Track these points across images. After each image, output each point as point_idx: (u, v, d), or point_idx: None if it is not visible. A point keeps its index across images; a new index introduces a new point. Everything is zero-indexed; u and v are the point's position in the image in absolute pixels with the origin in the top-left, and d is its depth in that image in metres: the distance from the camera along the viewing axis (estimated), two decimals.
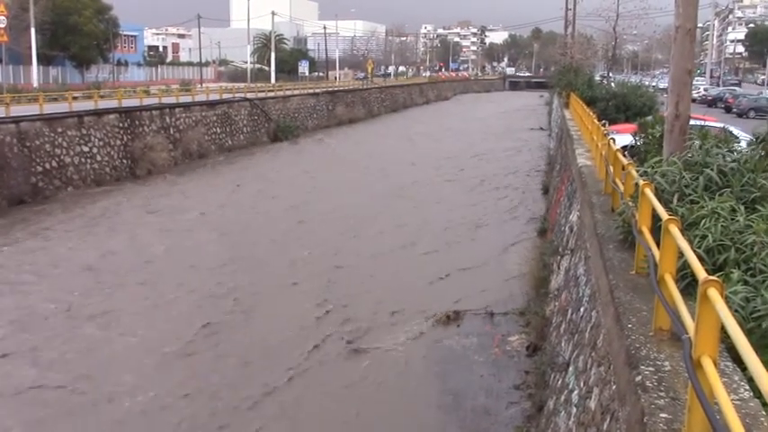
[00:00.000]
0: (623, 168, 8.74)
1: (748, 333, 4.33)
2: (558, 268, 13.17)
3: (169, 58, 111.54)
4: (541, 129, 57.11)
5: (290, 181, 31.55)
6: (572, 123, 25.40)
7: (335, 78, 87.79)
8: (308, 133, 53.28)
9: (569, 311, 9.57)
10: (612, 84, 36.31)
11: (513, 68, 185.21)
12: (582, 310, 8.39)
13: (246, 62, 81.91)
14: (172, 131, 36.97)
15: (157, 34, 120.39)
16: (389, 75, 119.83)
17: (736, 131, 16.71)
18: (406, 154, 41.57)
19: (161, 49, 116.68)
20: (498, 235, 22.15)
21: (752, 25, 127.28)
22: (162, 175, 32.92)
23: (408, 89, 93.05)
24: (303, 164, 37.57)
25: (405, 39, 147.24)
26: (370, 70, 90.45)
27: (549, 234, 18.44)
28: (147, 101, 37.89)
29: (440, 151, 42.99)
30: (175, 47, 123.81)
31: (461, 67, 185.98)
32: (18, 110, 28.67)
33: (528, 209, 25.91)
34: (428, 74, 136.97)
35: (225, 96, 45.53)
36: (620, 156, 9.53)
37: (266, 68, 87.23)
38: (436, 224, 23.29)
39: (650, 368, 4.36)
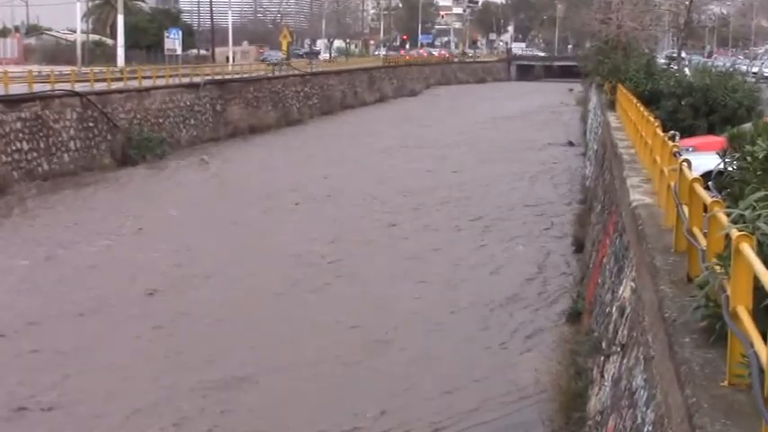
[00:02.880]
0: (705, 210, 8.83)
1: None
2: (602, 376, 13.18)
3: None
4: (571, 144, 57.97)
5: (139, 242, 30.54)
6: (620, 135, 25.82)
7: (227, 59, 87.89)
8: (180, 150, 53.11)
9: None
10: (686, 70, 37.14)
11: (524, 45, 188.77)
12: None
13: (75, 31, 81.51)
14: None
15: None
16: (317, 53, 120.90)
17: None
18: (341, 188, 41.58)
19: None
20: (506, 322, 22.20)
21: None
22: None
23: (350, 78, 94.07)
24: (166, 207, 36.77)
25: None
26: (285, 47, 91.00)
27: (586, 319, 18.52)
28: None
29: (402, 180, 43.26)
30: None
31: (438, 43, 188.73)
32: None
33: (551, 278, 26.07)
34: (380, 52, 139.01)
35: (38, 89, 45.15)
36: (699, 189, 9.65)
37: (109, 42, 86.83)
38: (405, 314, 23.16)
39: None
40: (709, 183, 13.50)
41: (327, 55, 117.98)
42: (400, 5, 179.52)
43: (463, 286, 25.80)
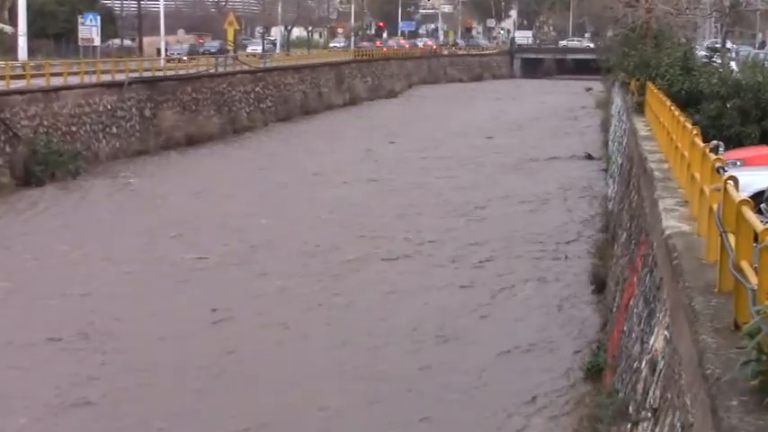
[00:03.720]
0: (756, 240, 8.82)
1: None
2: None
3: None
4: (589, 157, 58.16)
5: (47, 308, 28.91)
6: (650, 146, 25.89)
7: (158, 52, 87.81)
8: (99, 166, 52.89)
9: None
10: (733, 64, 37.27)
11: (531, 33, 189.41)
12: None
13: None
14: None
15: None
16: (272, 45, 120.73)
17: None
18: (280, 233, 38.60)
19: None
20: (509, 381, 22.30)
21: None
22: None
23: (313, 75, 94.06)
24: (48, 256, 34.62)
25: None
26: (231, 36, 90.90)
27: (609, 376, 18.50)
28: None
29: (368, 216, 41.80)
30: None
31: (423, 30, 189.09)
32: None
33: (564, 325, 26.14)
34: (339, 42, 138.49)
35: None
36: (749, 214, 9.65)
37: (8, 29, 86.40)
38: (386, 372, 23.22)
39: None
40: (762, 205, 13.55)
41: (259, 48, 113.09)
42: None
43: (457, 335, 25.80)
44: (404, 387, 22.24)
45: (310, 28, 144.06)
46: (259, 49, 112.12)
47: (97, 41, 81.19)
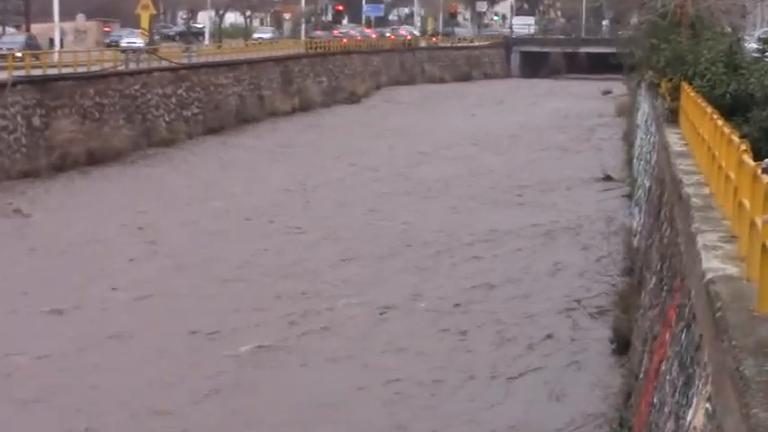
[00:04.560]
0: None
1: None
2: None
3: None
4: (608, 179, 58.34)
5: None
6: (687, 165, 25.99)
7: (52, 42, 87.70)
8: None
9: None
10: None
11: (532, 21, 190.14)
12: None
13: None
14: None
15: None
16: (199, 34, 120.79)
17: None
18: (170, 312, 35.20)
19: None
20: None
21: None
22: None
23: (252, 74, 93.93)
24: None
25: None
26: (145, 23, 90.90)
27: None
28: None
29: (341, 258, 41.94)
30: None
31: (394, 16, 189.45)
32: None
33: (577, 394, 26.30)
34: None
35: None
36: None
37: None
38: None
39: None
40: None
41: (139, 41, 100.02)
42: None
43: (452, 416, 25.83)
44: None
45: (248, 13, 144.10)
46: (139, 42, 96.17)
47: None
